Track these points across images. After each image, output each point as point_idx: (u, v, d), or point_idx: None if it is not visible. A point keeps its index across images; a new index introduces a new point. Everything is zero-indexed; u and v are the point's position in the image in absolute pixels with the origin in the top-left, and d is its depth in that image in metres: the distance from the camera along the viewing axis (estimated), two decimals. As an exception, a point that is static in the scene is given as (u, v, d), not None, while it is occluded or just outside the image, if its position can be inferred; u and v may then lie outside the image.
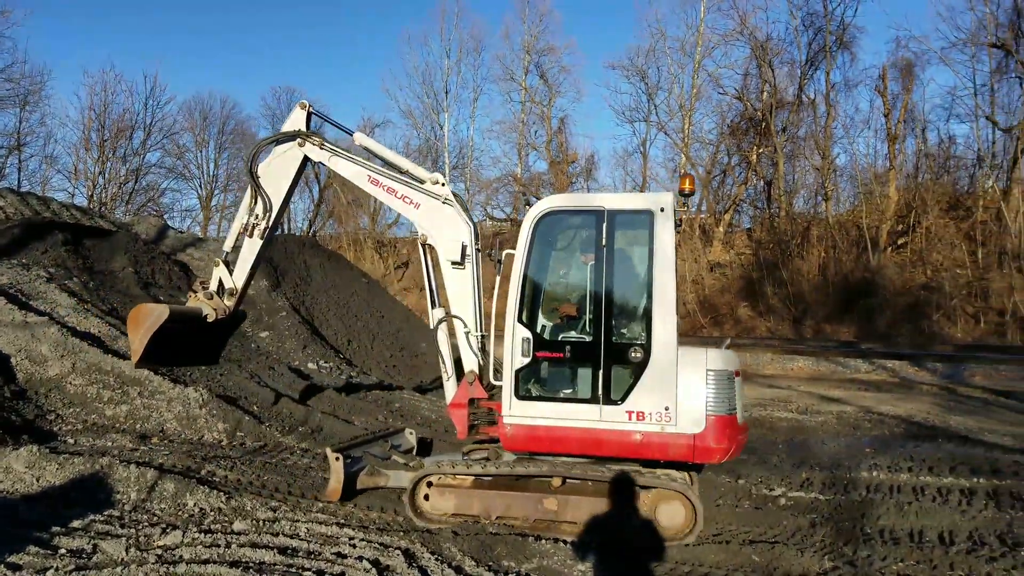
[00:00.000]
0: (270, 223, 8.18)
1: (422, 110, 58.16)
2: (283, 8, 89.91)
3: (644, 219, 6.66)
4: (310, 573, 5.31)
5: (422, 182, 7.72)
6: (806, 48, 42.14)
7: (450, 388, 7.52)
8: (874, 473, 9.05)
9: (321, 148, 8.07)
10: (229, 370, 11.82)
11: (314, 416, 10.52)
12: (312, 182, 64.35)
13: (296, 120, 8.24)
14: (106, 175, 48.27)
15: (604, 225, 6.68)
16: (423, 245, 7.71)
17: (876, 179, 40.39)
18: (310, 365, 14.07)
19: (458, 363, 7.46)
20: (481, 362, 7.46)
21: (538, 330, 6.97)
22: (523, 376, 6.73)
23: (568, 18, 79.69)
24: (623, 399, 6.48)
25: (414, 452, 8.43)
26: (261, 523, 6.40)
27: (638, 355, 6.50)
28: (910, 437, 12.14)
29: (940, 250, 35.93)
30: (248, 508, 6.76)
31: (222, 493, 6.92)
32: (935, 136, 42.07)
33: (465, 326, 7.49)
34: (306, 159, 8.17)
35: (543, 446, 6.73)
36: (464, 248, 7.47)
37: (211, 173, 63.79)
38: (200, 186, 63.03)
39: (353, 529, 6.38)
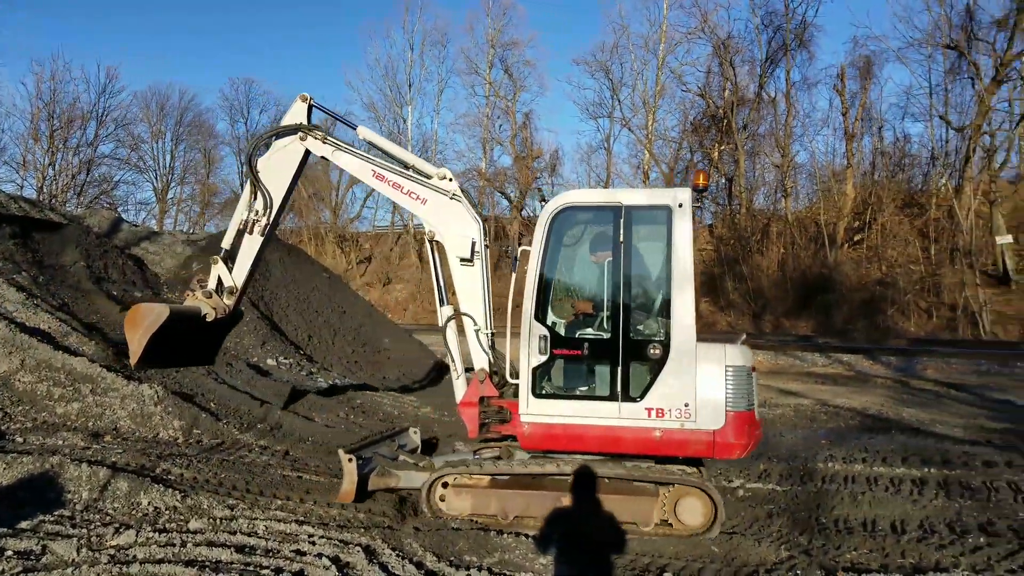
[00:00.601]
0: (271, 219, 7.99)
1: (385, 103, 57.90)
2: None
3: (662, 214, 6.63)
4: (268, 571, 5.24)
5: (429, 177, 7.58)
6: (766, 46, 42.79)
7: (460, 387, 7.38)
8: (830, 464, 9.21)
9: (324, 142, 7.88)
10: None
11: (273, 413, 10.39)
12: (272, 176, 63.61)
13: (297, 113, 8.00)
14: (56, 166, 47.05)
15: (621, 221, 6.62)
16: (431, 241, 7.58)
17: (834, 177, 41.08)
18: (269, 361, 13.89)
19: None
20: (492, 360, 7.37)
21: (555, 327, 6.84)
22: (540, 374, 6.68)
23: (532, 13, 79.77)
24: (642, 396, 6.46)
25: (418, 451, 8.35)
26: (218, 521, 6.29)
27: (657, 352, 6.48)
28: (865, 429, 12.37)
29: (895, 246, 36.70)
30: (205, 506, 6.64)
31: (177, 491, 6.79)
32: (891, 135, 43.03)
33: (475, 324, 7.40)
34: (308, 153, 7.97)
35: (561, 444, 6.69)
36: (473, 244, 7.35)
37: (167, 165, 62.83)
38: (156, 178, 62.13)
39: (313, 526, 6.30)
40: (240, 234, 8.07)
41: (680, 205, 6.56)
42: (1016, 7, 32.50)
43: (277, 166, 7.95)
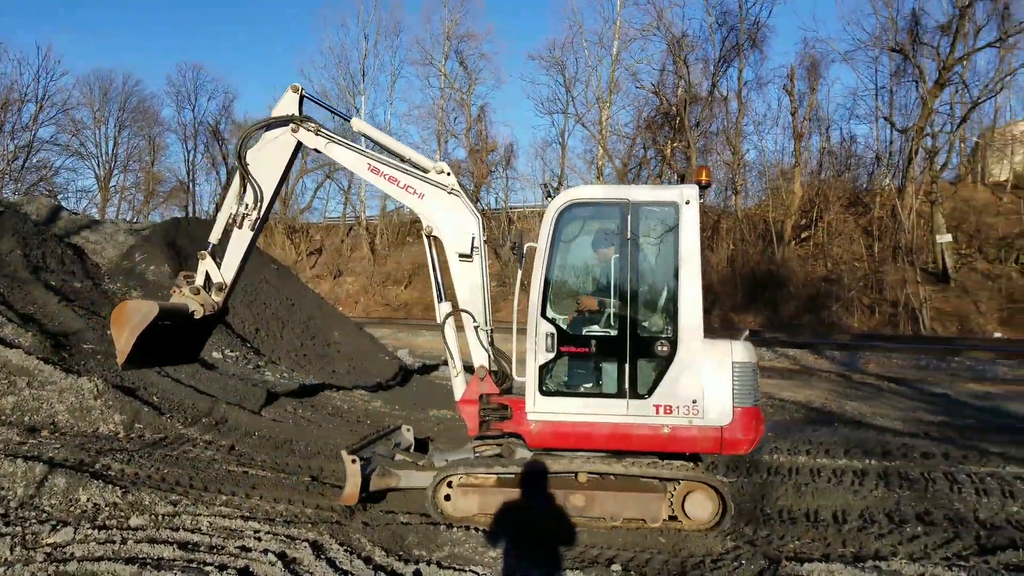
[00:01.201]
0: (261, 213, 7.75)
1: (338, 92, 57.15)
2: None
3: (669, 211, 6.63)
4: (212, 568, 5.14)
5: (425, 171, 7.44)
6: (720, 45, 43.20)
7: (458, 384, 7.29)
8: (775, 456, 9.38)
9: (317, 134, 7.67)
10: (128, 359, 11.35)
11: (219, 407, 10.18)
12: (220, 163, 62.51)
13: (287, 104, 7.75)
14: (-9, 151, 45.57)
15: (629, 217, 6.61)
16: (428, 237, 7.45)
17: (782, 175, 41.79)
18: (215, 354, 13.63)
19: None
20: (492, 357, 7.33)
21: (562, 324, 6.77)
22: (547, 371, 6.61)
23: (489, 5, 79.47)
24: (650, 393, 6.46)
25: (411, 450, 8.21)
26: (160, 518, 6.15)
27: (665, 348, 6.48)
28: (809, 422, 12.64)
29: (840, 244, 37.51)
30: (146, 503, 6.48)
31: (118, 487, 6.62)
32: (838, 135, 43.96)
33: (474, 320, 7.32)
34: (299, 146, 7.78)
35: (569, 442, 6.64)
36: (473, 240, 7.27)
37: (110, 152, 61.22)
38: (98, 165, 60.41)
39: (259, 522, 6.20)
40: (228, 228, 7.84)
41: (687, 202, 6.57)
42: (959, 13, 33.40)
43: (267, 159, 7.71)
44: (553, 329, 6.59)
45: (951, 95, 36.54)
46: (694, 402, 6.40)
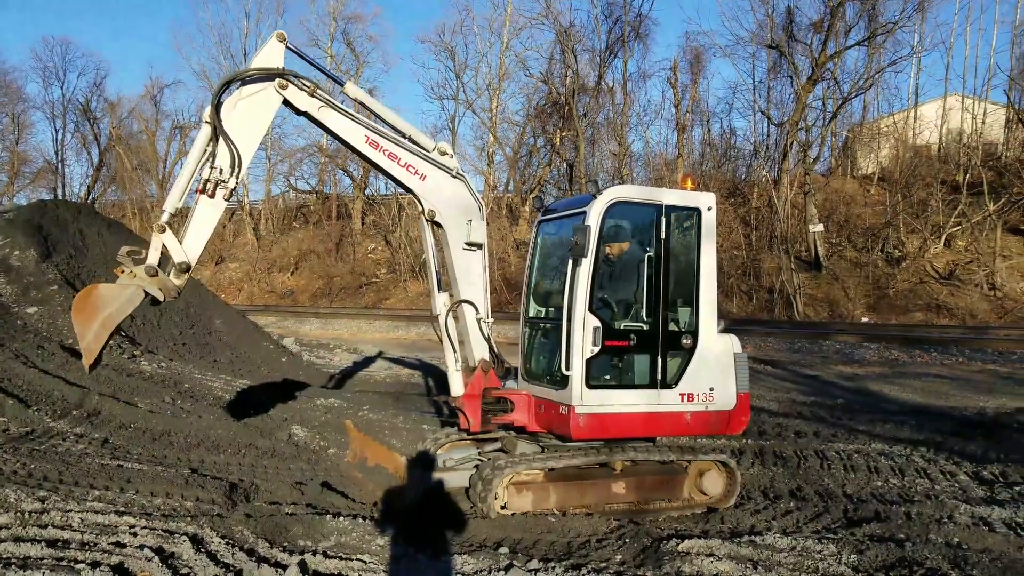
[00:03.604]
0: (239, 180, 6.50)
1: (218, 72, 54.88)
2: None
3: (693, 215, 7.11)
4: (83, 566, 4.88)
5: (426, 150, 6.96)
6: (606, 36, 43.89)
7: (457, 380, 7.15)
8: (659, 438, 9.65)
9: (312, 95, 6.54)
10: (-11, 349, 10.63)
11: (91, 398, 9.67)
12: (91, 143, 59.24)
13: (271, 55, 6.42)
14: None
15: (662, 218, 6.96)
16: (429, 221, 7.02)
17: (666, 165, 42.93)
18: (87, 343, 12.92)
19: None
20: (493, 349, 7.22)
21: (606, 319, 6.83)
22: (593, 365, 6.69)
23: (377, -14, 77.94)
24: (676, 382, 6.95)
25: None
26: (27, 515, 5.78)
27: (688, 341, 7.00)
28: (691, 404, 13.06)
29: (720, 233, 38.86)
30: (11, 500, 6.08)
31: (-22, 485, 6.20)
32: (718, 128, 45.61)
33: (477, 312, 7.13)
34: (284, 105, 6.58)
35: (610, 432, 6.91)
36: (476, 227, 7.02)
37: (-33, 128, 57.01)
38: (-45, 142, 56.16)
39: (135, 517, 5.93)
40: (184, 197, 6.45)
41: (709, 208, 7.12)
42: (830, 12, 35.11)
43: (244, 117, 6.35)
44: (599, 323, 6.69)
45: (823, 91, 38.47)
46: (711, 389, 7.04)
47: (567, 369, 6.64)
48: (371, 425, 10.13)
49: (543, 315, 7.78)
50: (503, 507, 6.67)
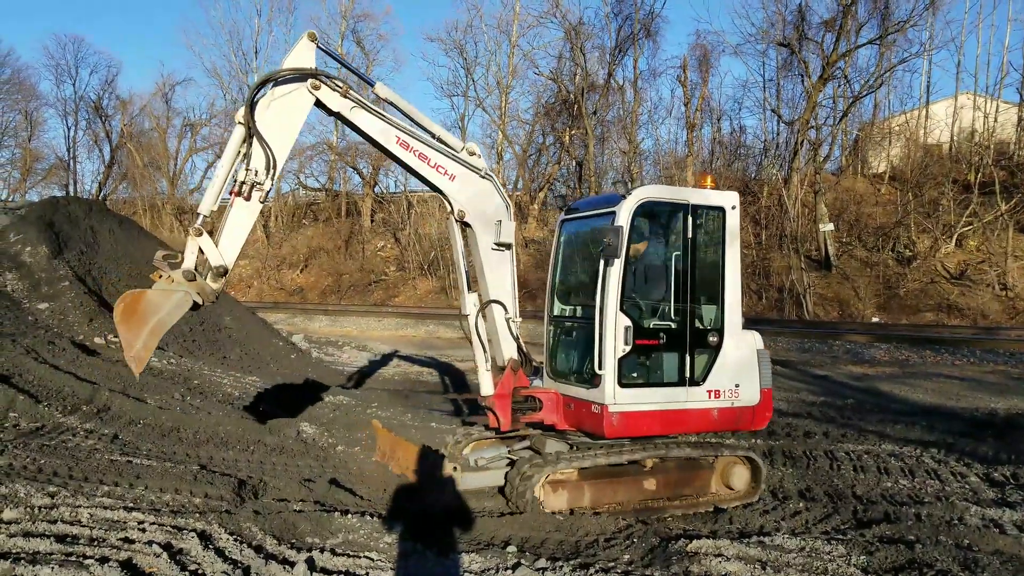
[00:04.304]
0: (273, 181, 6.51)
1: (229, 69, 55.39)
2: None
3: (718, 214, 7.26)
4: (92, 561, 4.89)
5: (454, 150, 7.00)
6: (616, 34, 43.79)
7: (487, 379, 7.20)
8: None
9: (345, 96, 6.58)
10: (1, 345, 10.67)
11: (101, 394, 9.70)
12: (103, 140, 59.51)
13: (303, 55, 6.46)
14: None
15: (688, 218, 7.09)
16: (459, 222, 7.05)
17: (676, 164, 42.84)
18: (97, 340, 12.98)
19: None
20: (524, 349, 7.30)
21: (636, 318, 6.92)
22: (624, 364, 6.78)
23: (388, -15, 78.01)
24: (703, 380, 7.11)
25: None
26: (36, 510, 5.81)
27: (715, 339, 7.18)
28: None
29: (729, 231, 38.75)
30: (21, 495, 6.10)
31: (-12, 480, 6.23)
32: (728, 126, 45.49)
33: (506, 312, 7.21)
34: (316, 106, 6.61)
35: (641, 430, 7.01)
36: (505, 228, 7.06)
37: (-19, 126, 57.39)
38: (-32, 140, 56.50)
39: (143, 512, 5.95)
40: (219, 199, 6.45)
41: (733, 207, 7.29)
42: (842, 10, 34.95)
43: (278, 118, 6.35)
44: (630, 323, 6.77)
45: (834, 89, 38.33)
46: (736, 386, 7.23)
47: (600, 368, 6.71)
48: (380, 422, 10.14)
49: (568, 314, 7.86)
50: (544, 505, 6.77)
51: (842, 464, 8.66)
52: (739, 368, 7.24)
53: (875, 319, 30.52)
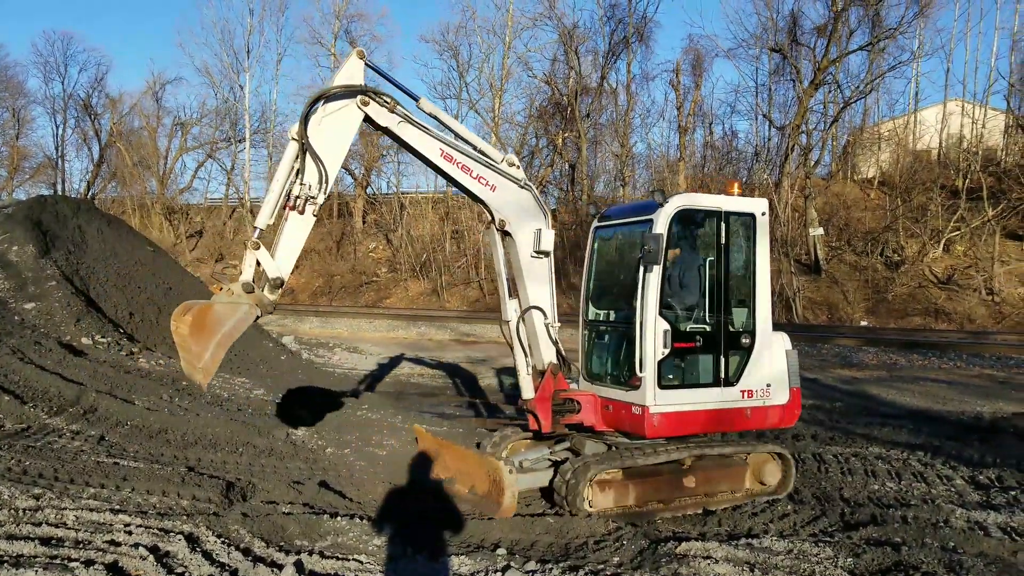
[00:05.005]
0: (326, 195, 6.60)
1: (220, 68, 55.10)
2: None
3: (749, 220, 7.53)
4: (77, 564, 4.87)
5: (494, 162, 7.16)
6: (609, 38, 43.87)
7: (528, 383, 7.41)
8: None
9: (392, 111, 6.67)
10: (-14, 345, 10.61)
11: (88, 395, 9.65)
12: (92, 139, 59.24)
13: (353, 72, 6.63)
14: None
15: (722, 224, 7.34)
16: (500, 232, 7.24)
17: (668, 167, 42.95)
18: (84, 340, 12.91)
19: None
20: (563, 353, 7.49)
21: (673, 321, 7.13)
22: (664, 366, 7.01)
23: (383, -14, 77.87)
24: (737, 380, 7.37)
25: None
26: (20, 512, 5.79)
27: (747, 341, 7.44)
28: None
29: (720, 235, 38.85)
30: (5, 497, 6.07)
31: (-27, 481, 6.18)
32: (720, 130, 45.59)
33: (545, 317, 7.40)
34: (364, 122, 6.73)
35: (680, 430, 7.23)
36: (546, 236, 7.24)
37: (-31, 125, 57.00)
38: (-45, 139, 56.13)
39: (130, 515, 5.92)
40: (276, 214, 6.48)
41: (763, 214, 7.59)
42: (834, 16, 35.12)
43: (330, 134, 6.49)
44: (669, 326, 7.00)
45: (825, 95, 38.43)
46: (768, 386, 7.51)
47: (641, 371, 6.94)
48: (370, 424, 10.12)
49: (603, 318, 8.07)
50: (590, 505, 6.86)
51: (830, 467, 8.70)
52: (770, 368, 7.53)
53: (864, 323, 30.66)
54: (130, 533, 5.51)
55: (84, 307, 13.99)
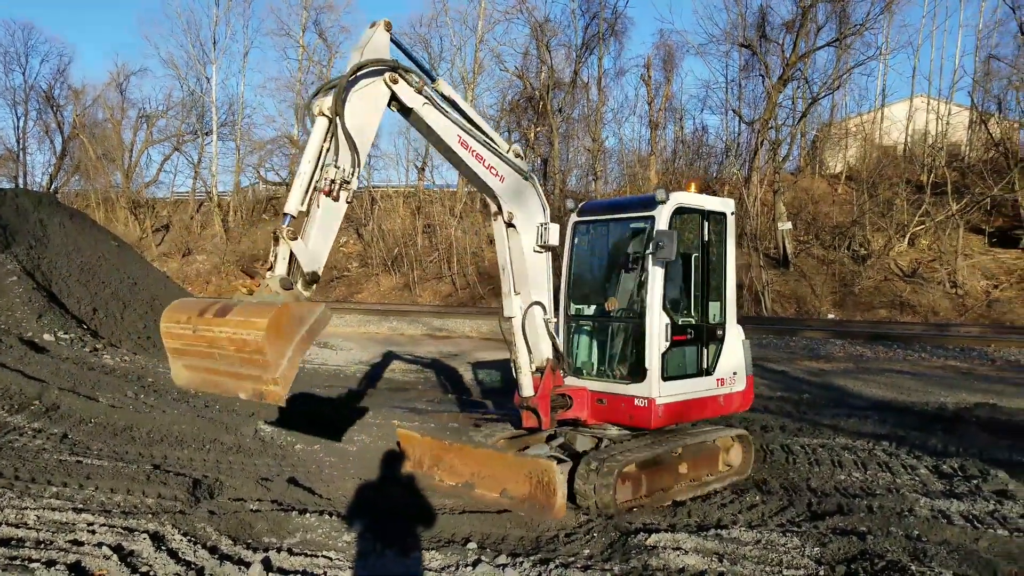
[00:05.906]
0: (358, 179, 6.00)
1: (186, 60, 54.54)
2: (20, -65, 79.81)
3: (722, 218, 7.91)
4: (38, 564, 4.78)
5: (502, 151, 7.00)
6: (582, 32, 43.90)
7: (528, 382, 7.37)
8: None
9: (419, 92, 6.23)
10: (-55, 342, 10.38)
11: (50, 392, 9.46)
12: (54, 131, 58.15)
13: (379, 46, 6.01)
14: None
15: (704, 222, 7.69)
16: (507, 225, 7.13)
17: (639, 162, 43.13)
18: (47, 336, 12.68)
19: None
20: (559, 348, 7.52)
21: (674, 317, 7.38)
22: (666, 359, 7.25)
23: (350, -23, 77.19)
24: (714, 369, 7.80)
25: None
26: (-21, 513, 5.67)
27: (721, 333, 7.89)
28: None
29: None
30: (-36, 497, 5.96)
31: (-70, 481, 6.04)
32: (691, 125, 45.90)
33: (544, 312, 7.41)
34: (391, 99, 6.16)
35: (676, 419, 7.57)
36: (551, 230, 7.24)
37: (-72, 117, 55.66)
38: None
39: (93, 514, 5.83)
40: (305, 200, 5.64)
41: (731, 212, 7.98)
42: (802, 12, 35.42)
43: (359, 113, 5.88)
44: (669, 321, 7.24)
45: (794, 90, 38.88)
46: (734, 374, 7.99)
47: (646, 364, 7.17)
48: (340, 419, 10.04)
49: (587, 312, 8.14)
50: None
51: (798, 458, 8.78)
52: (735, 357, 7.98)
53: (831, 316, 31.03)
54: (93, 533, 5.42)
55: (46, 303, 13.74)
